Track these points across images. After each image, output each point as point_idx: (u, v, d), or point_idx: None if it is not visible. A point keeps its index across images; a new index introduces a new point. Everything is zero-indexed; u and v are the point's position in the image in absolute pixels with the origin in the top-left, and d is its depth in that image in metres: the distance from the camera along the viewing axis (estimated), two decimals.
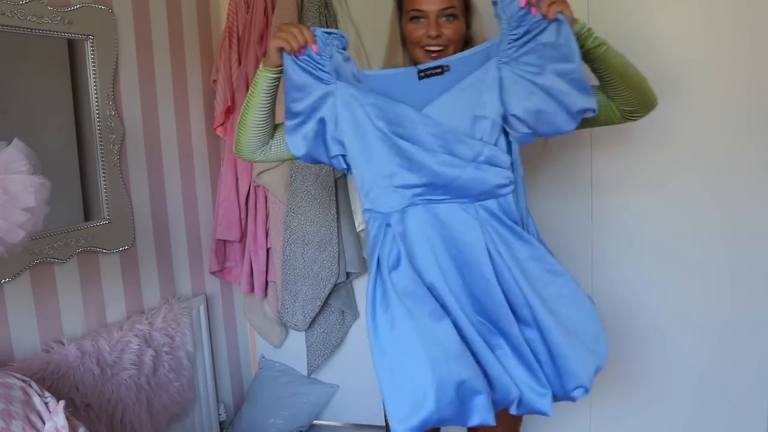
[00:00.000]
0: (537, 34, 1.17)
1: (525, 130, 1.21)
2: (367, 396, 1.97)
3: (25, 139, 1.33)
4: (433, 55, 1.32)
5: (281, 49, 1.23)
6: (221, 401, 2.49)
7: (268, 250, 2.34)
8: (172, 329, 2.12)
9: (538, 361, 1.21)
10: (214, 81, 2.32)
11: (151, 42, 2.13)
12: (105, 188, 1.94)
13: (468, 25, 1.35)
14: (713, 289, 1.83)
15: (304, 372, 2.45)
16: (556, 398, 1.23)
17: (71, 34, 1.81)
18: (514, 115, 1.19)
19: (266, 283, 2.37)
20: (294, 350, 2.48)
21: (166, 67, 2.19)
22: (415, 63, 1.37)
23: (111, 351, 1.88)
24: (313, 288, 2.21)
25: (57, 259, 1.79)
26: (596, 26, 1.81)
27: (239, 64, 2.28)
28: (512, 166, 1.23)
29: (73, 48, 1.86)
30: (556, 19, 1.15)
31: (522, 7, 1.16)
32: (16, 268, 1.67)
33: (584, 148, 1.89)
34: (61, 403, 1.37)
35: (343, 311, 2.36)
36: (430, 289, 1.22)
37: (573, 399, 1.23)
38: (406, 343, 1.18)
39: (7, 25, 1.63)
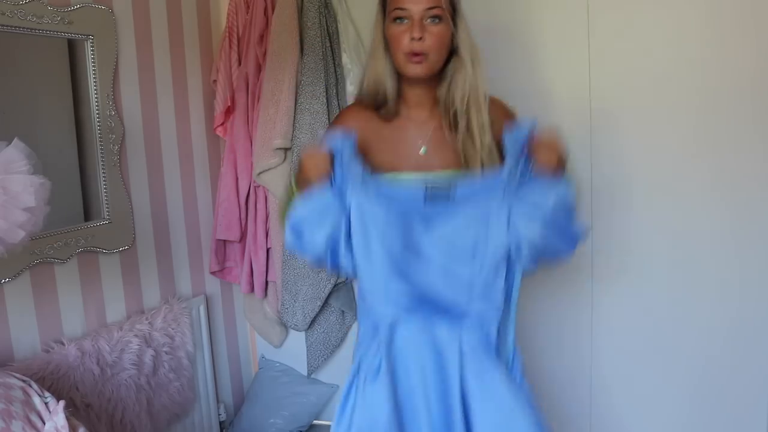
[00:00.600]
0: (534, 173, 1.23)
1: (532, 257, 1.23)
2: None
3: (25, 139, 1.33)
4: (415, 59, 1.27)
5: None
6: (221, 401, 2.49)
7: (268, 250, 2.33)
8: (172, 329, 2.12)
9: None
10: (214, 81, 2.32)
11: (151, 42, 2.13)
12: (105, 188, 1.94)
13: (455, 33, 1.30)
14: (713, 291, 1.83)
15: (304, 372, 2.45)
16: None
17: (71, 34, 1.81)
18: (523, 243, 1.21)
19: (266, 283, 2.37)
20: (294, 350, 2.48)
21: (166, 67, 2.19)
22: (396, 69, 1.32)
23: (111, 351, 1.88)
24: (313, 288, 2.21)
25: (57, 259, 1.79)
26: (596, 26, 1.81)
27: (239, 64, 2.28)
28: (506, 300, 1.25)
29: (73, 48, 1.86)
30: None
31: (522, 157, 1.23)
32: (16, 268, 1.67)
33: (584, 148, 1.90)
34: (61, 403, 1.37)
35: (343, 311, 2.36)
36: (406, 402, 1.23)
37: None
38: None
39: (7, 25, 1.63)
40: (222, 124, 2.33)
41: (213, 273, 2.40)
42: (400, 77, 1.34)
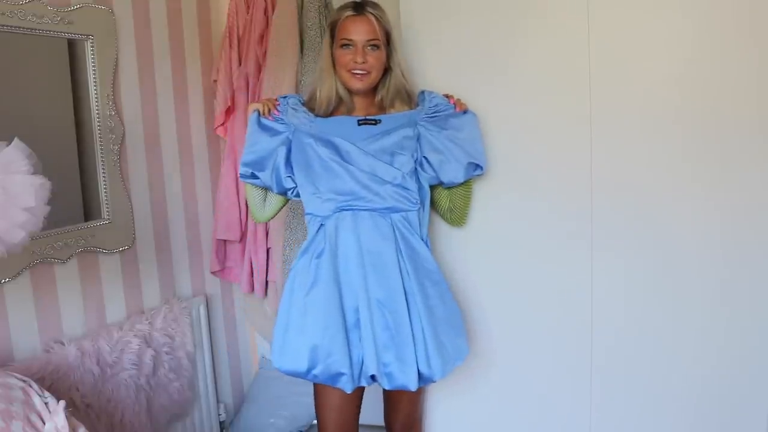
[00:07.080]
0: (445, 112, 1.70)
1: (431, 173, 1.65)
2: (367, 396, 1.98)
3: (25, 139, 1.33)
4: (358, 76, 1.60)
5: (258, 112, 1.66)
6: (221, 401, 2.49)
7: (268, 250, 2.34)
8: (172, 329, 2.12)
9: (416, 345, 1.56)
10: (215, 81, 2.32)
11: (151, 42, 2.13)
12: (105, 188, 1.94)
13: (389, 56, 1.65)
14: (714, 292, 1.83)
15: None
16: (421, 377, 1.57)
17: (71, 34, 1.81)
18: (425, 158, 1.64)
19: (266, 282, 2.37)
20: None
21: (166, 66, 2.19)
22: (343, 84, 1.65)
23: (111, 351, 1.88)
24: None
25: (57, 259, 1.79)
26: (596, 26, 1.81)
27: (239, 64, 2.28)
28: (420, 195, 1.63)
29: (73, 48, 1.86)
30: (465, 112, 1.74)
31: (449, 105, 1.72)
32: (16, 268, 1.67)
33: (584, 148, 1.90)
34: (61, 403, 1.37)
35: None
36: (344, 275, 1.56)
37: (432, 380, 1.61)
38: (301, 315, 1.56)
39: (7, 25, 1.63)
40: (222, 124, 2.33)
41: (213, 273, 2.40)
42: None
